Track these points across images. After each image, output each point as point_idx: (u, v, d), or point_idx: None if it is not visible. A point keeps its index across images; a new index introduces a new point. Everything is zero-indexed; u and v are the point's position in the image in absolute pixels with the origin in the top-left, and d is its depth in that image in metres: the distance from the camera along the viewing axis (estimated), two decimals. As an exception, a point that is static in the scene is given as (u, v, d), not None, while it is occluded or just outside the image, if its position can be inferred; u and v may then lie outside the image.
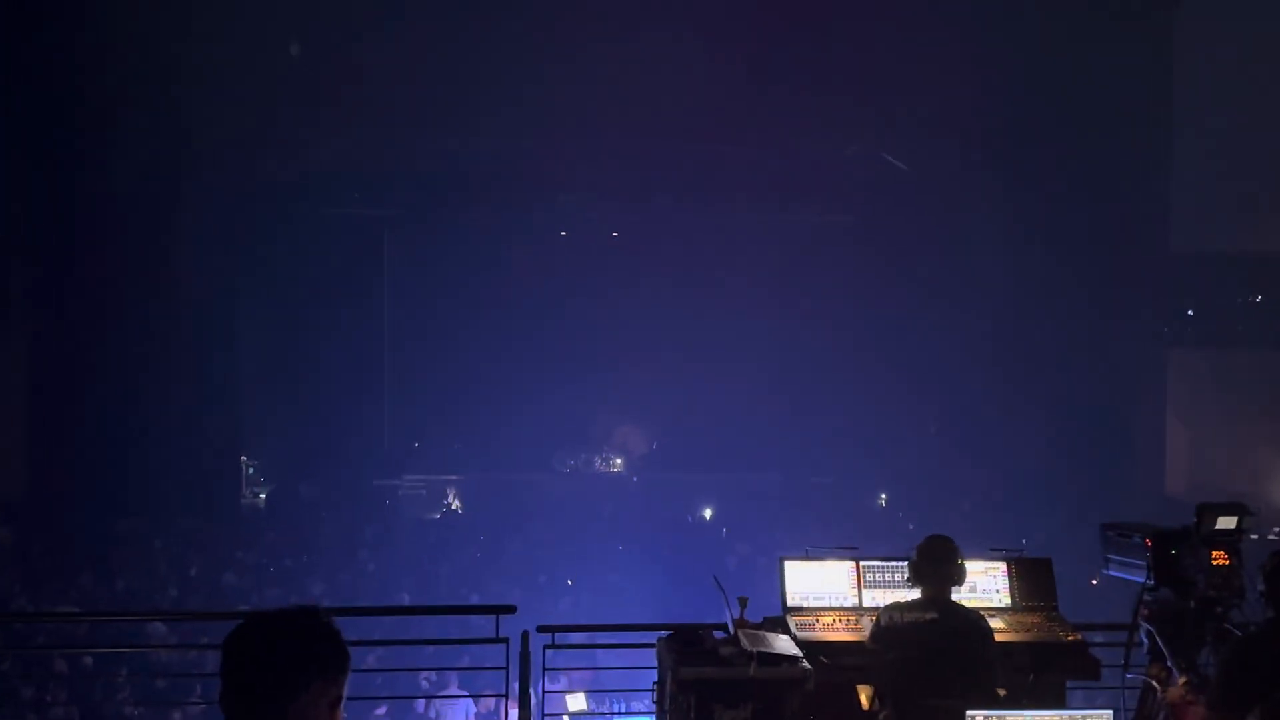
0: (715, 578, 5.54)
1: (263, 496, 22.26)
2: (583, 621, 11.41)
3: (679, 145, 19.97)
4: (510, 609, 6.13)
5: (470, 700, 10.51)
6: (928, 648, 4.89)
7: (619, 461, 24.31)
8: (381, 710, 10.57)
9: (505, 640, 6.03)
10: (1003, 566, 5.88)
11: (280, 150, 19.60)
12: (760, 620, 5.61)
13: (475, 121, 19.26)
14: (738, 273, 22.36)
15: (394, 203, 22.30)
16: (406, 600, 13.79)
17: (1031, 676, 5.35)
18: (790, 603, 5.77)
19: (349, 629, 2.73)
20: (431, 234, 23.14)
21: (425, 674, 10.32)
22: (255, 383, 21.55)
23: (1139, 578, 4.92)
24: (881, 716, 5.11)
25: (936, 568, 5.06)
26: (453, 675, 10.22)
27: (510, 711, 6.17)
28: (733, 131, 19.66)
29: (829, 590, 5.79)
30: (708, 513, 21.77)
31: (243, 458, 22.29)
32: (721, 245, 22.55)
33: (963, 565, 5.15)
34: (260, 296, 21.67)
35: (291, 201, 21.02)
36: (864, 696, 5.36)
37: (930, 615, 4.94)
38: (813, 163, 20.51)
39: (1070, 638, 5.56)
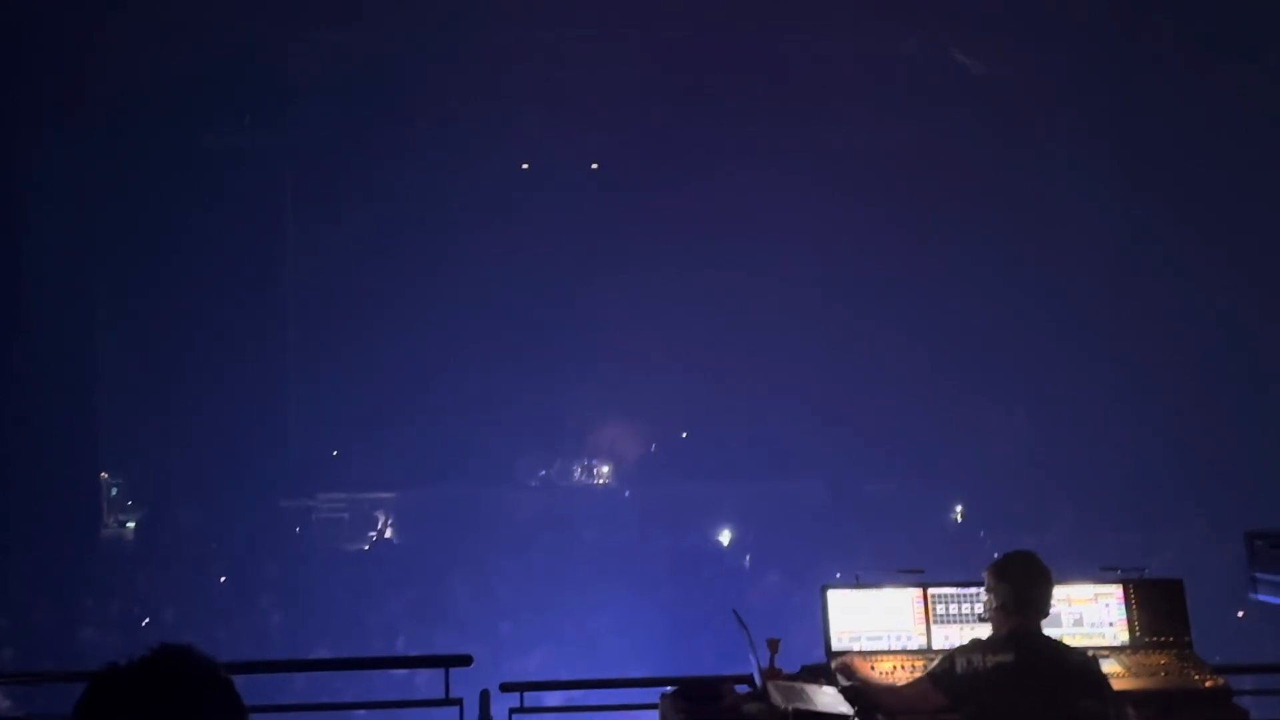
0: (736, 612, 5.54)
1: (130, 525, 22.24)
2: (560, 677, 11.43)
3: (679, 45, 19.90)
4: (465, 660, 6.14)
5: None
6: (1015, 702, 4.89)
7: (606, 470, 24.38)
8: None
9: (458, 702, 6.03)
10: (1118, 591, 5.88)
11: (134, 62, 19.42)
12: (797, 670, 5.61)
13: (401, 15, 19.20)
14: (758, 219, 22.34)
15: (297, 128, 22.17)
16: (325, 656, 13.82)
17: (1157, 734, 5.36)
18: (836, 645, 5.78)
19: (249, 692, 2.71)
20: (347, 170, 22.98)
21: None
22: (117, 377, 21.50)
23: (1301, 601, 4.93)
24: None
25: (1020, 590, 5.05)
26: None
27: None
28: (749, 25, 19.61)
29: (887, 627, 5.79)
30: (725, 535, 21.82)
31: (103, 475, 22.23)
32: (737, 179, 22.47)
33: (1050, 588, 5.14)
34: (119, 263, 21.59)
35: (153, 133, 20.86)
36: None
37: (1009, 657, 4.94)
38: (856, 63, 20.44)
39: (1209, 683, 5.56)
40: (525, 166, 23.17)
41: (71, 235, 20.09)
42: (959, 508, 22.11)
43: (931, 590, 5.92)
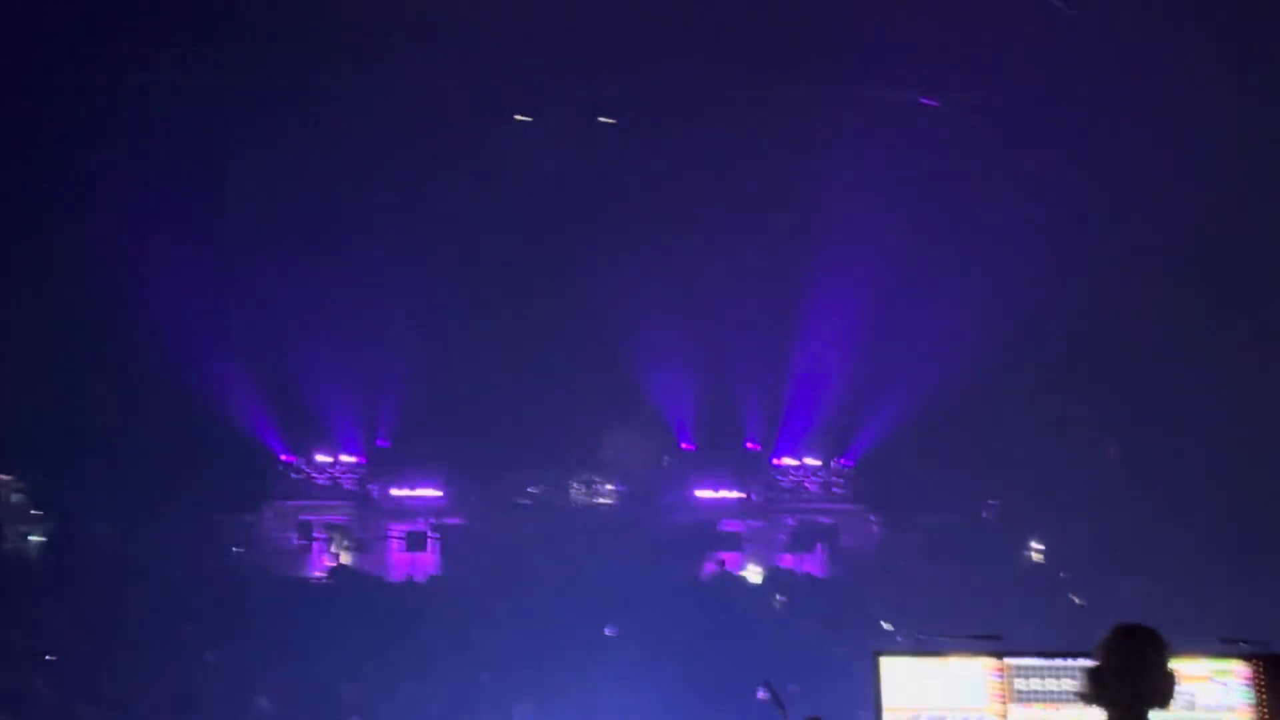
0: (769, 685, 5.48)
1: (34, 539, 22.23)
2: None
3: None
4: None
5: None
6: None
7: (610, 488, 24.33)
8: None
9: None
10: (1241, 669, 5.79)
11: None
12: (842, 756, 5.54)
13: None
14: (810, 188, 22.39)
15: (252, 63, 21.97)
16: (265, 708, 13.85)
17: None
18: (892, 726, 5.71)
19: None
20: (312, 113, 22.87)
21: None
22: (17, 357, 21.45)
23: None
24: None
25: (1131, 679, 4.91)
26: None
27: None
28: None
29: (955, 705, 5.73)
30: (752, 570, 21.75)
31: (1, 477, 22.26)
32: (782, 136, 22.45)
33: (1172, 675, 5.03)
34: (34, 217, 21.50)
35: (73, 71, 20.74)
36: None
37: None
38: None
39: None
40: (527, 120, 23.05)
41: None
42: (1035, 545, 22.07)
43: (1010, 661, 5.82)
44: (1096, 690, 4.81)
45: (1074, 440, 21.75)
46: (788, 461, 24.20)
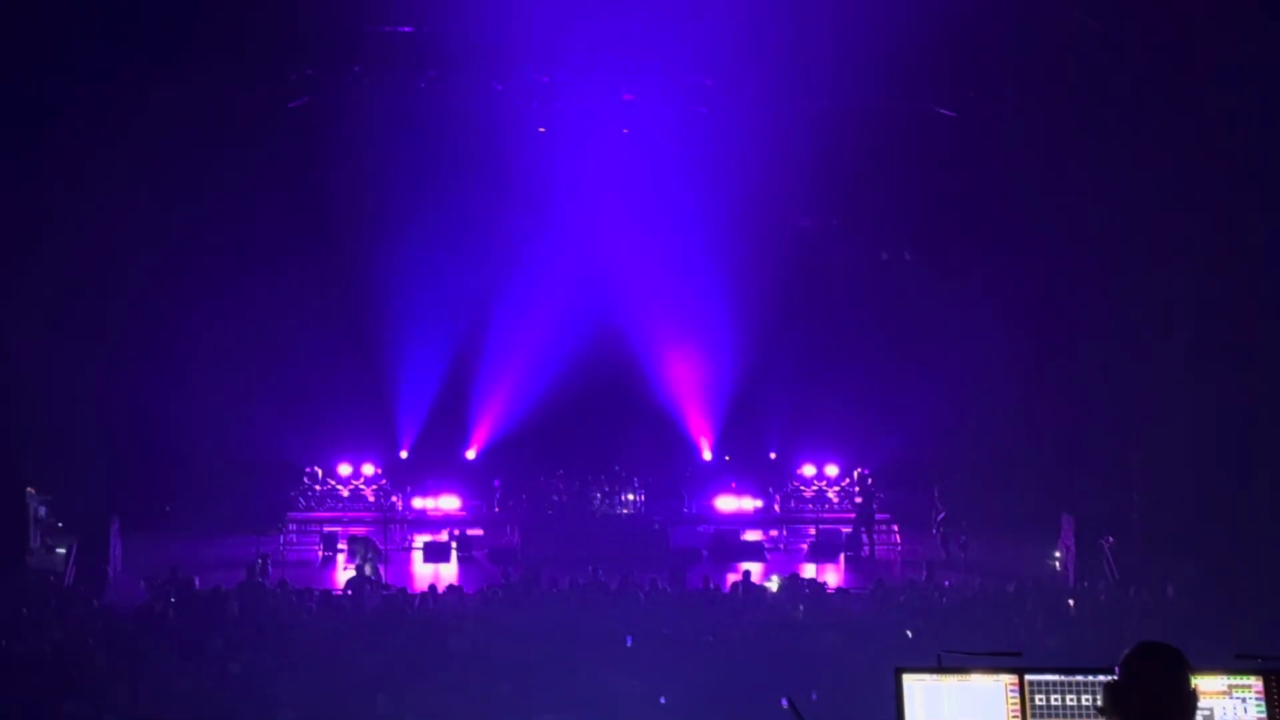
0: (791, 702, 5.54)
1: (61, 552, 22.30)
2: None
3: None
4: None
5: None
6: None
7: (631, 498, 24.35)
8: None
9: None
10: (1257, 684, 5.82)
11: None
12: (863, 771, 5.61)
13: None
14: (818, 196, 22.54)
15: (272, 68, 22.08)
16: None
17: None
18: (913, 743, 5.77)
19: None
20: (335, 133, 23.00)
21: None
22: (48, 370, 21.54)
23: None
24: None
25: (1151, 696, 4.97)
26: None
27: None
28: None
29: (973, 721, 5.77)
30: (773, 580, 21.79)
31: (29, 490, 22.36)
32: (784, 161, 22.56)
33: (1193, 693, 5.08)
34: (55, 238, 21.57)
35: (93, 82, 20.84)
36: None
37: None
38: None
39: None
40: (541, 130, 23.20)
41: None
42: (1057, 555, 22.11)
43: (1029, 678, 5.87)
44: (1116, 706, 4.91)
45: (1096, 451, 21.76)
46: (809, 471, 24.33)
